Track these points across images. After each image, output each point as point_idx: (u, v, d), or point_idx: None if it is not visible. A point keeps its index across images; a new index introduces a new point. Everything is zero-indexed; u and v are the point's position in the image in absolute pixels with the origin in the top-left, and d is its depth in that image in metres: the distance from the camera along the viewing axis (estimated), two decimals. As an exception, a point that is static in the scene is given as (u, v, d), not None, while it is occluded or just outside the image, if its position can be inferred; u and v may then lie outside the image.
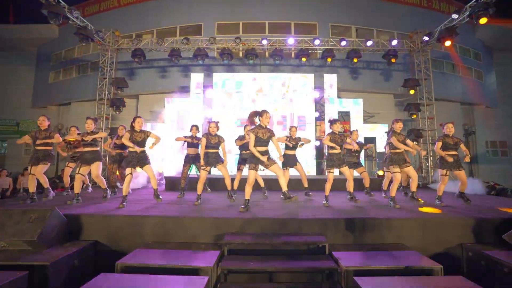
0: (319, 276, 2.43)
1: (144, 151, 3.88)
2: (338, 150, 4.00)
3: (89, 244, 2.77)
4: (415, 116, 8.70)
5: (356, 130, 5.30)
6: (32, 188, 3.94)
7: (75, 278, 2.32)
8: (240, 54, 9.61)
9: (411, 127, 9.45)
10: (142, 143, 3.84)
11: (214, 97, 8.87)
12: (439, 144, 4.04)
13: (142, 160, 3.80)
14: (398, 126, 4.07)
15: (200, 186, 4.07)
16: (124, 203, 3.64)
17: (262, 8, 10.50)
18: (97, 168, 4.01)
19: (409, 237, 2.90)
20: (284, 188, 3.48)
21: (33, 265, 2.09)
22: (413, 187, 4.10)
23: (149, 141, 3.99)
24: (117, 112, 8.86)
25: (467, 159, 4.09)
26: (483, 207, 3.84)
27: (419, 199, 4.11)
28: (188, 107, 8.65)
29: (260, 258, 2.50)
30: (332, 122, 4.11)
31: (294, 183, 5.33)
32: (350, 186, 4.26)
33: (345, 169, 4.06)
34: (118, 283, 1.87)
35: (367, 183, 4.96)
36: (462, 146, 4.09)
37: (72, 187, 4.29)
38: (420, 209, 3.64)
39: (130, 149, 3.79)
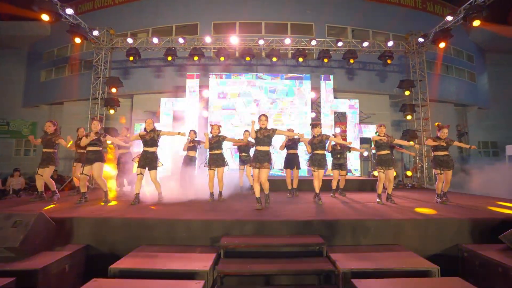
0: (317, 278, 2.41)
1: (155, 153, 4.16)
2: (319, 151, 4.28)
3: (81, 248, 2.68)
4: (410, 117, 8.77)
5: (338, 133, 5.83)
6: (40, 188, 4.25)
7: (66, 284, 2.25)
8: (237, 54, 9.56)
9: (406, 128, 9.54)
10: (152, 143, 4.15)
11: (210, 97, 8.81)
12: (430, 141, 4.45)
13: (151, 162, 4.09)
14: (380, 130, 4.43)
15: (210, 184, 4.41)
16: (136, 200, 3.94)
17: (258, 8, 10.47)
18: (98, 169, 4.06)
19: (406, 238, 2.90)
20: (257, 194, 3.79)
21: (22, 271, 2.01)
22: (389, 189, 4.38)
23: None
24: (111, 112, 8.72)
25: (474, 147, 4.76)
26: (475, 207, 3.88)
27: (394, 200, 4.34)
28: (184, 107, 8.57)
29: (257, 261, 2.46)
30: (312, 126, 4.36)
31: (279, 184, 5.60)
32: (333, 184, 5.07)
33: (321, 172, 4.30)
34: (111, 288, 1.82)
35: (341, 185, 5.37)
36: (456, 143, 4.47)
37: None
38: (416, 209, 3.67)
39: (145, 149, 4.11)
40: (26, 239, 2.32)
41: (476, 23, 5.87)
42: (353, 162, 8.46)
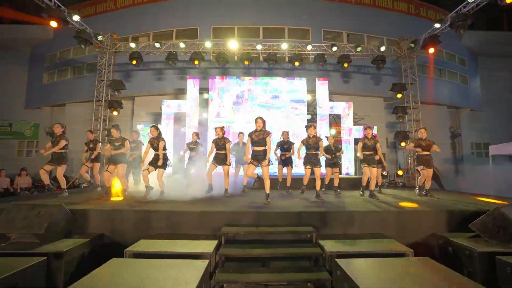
0: (308, 262, 2.72)
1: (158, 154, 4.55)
2: (314, 151, 4.62)
3: (96, 236, 2.99)
4: (402, 118, 9.12)
5: (331, 135, 6.16)
6: (46, 181, 4.64)
7: (85, 266, 2.54)
8: (235, 58, 9.89)
9: (400, 129, 9.89)
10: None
11: (210, 99, 9.11)
12: (411, 144, 5.01)
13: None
14: (367, 133, 4.88)
15: (209, 177, 4.75)
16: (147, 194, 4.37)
17: (257, 13, 10.81)
18: (122, 169, 4.68)
19: (388, 228, 3.22)
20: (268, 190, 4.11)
21: (50, 253, 2.31)
22: (372, 186, 4.79)
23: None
24: (115, 114, 9.01)
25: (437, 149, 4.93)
26: (453, 201, 4.25)
27: (377, 196, 4.72)
28: (185, 109, 8.86)
29: (255, 246, 2.77)
30: (307, 127, 4.71)
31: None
32: (323, 182, 5.37)
33: (317, 170, 4.61)
34: (129, 265, 2.11)
35: (336, 182, 5.60)
36: (434, 146, 4.82)
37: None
38: (400, 203, 4.00)
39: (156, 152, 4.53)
40: (49, 227, 2.63)
41: (463, 31, 6.22)
42: (348, 163, 8.77)
